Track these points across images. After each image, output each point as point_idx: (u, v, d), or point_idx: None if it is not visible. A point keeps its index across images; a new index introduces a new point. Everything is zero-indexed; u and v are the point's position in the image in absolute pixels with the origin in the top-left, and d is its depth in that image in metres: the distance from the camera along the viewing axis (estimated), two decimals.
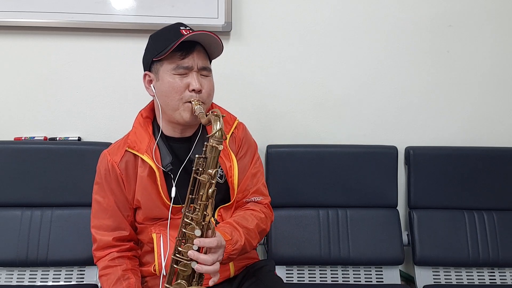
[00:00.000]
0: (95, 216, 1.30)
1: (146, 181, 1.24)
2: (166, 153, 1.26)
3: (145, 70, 1.28)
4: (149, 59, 1.25)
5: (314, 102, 1.96)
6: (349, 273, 1.85)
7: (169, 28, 1.25)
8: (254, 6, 1.89)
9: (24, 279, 1.75)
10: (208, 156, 1.12)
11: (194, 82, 1.20)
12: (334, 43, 1.93)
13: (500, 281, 1.86)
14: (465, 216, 1.87)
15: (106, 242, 1.27)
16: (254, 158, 1.39)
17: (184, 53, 1.20)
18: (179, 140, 1.30)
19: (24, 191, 1.76)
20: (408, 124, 1.98)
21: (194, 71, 1.21)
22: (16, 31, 1.83)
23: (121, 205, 1.28)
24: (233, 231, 1.20)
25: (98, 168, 1.31)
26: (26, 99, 1.87)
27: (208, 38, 1.21)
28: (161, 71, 1.22)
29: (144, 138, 1.27)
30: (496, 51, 1.97)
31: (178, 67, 1.20)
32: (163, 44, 1.20)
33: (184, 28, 1.22)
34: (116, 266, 1.24)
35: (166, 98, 1.22)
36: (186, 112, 1.21)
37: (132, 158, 1.27)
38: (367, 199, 1.87)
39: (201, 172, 1.12)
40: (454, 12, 1.94)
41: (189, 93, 1.20)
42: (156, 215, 1.27)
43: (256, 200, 1.36)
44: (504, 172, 1.89)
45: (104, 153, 1.31)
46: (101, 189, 1.29)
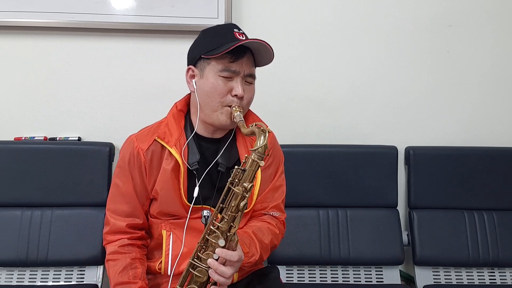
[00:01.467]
0: (112, 200, 1.29)
1: (169, 175, 1.22)
2: (195, 151, 1.25)
3: (189, 64, 1.26)
4: (196, 55, 1.22)
5: (314, 102, 1.96)
6: (349, 273, 1.85)
7: (223, 28, 1.24)
8: (254, 6, 1.89)
9: (24, 279, 1.75)
10: (247, 169, 1.10)
11: (238, 88, 1.18)
12: (334, 43, 1.93)
13: (500, 281, 1.86)
14: (465, 216, 1.87)
15: (119, 228, 1.26)
16: (279, 171, 1.37)
17: (234, 57, 1.17)
18: (208, 140, 1.28)
19: (24, 191, 1.76)
20: (408, 124, 1.98)
21: (240, 77, 1.19)
22: (16, 31, 1.83)
23: (140, 193, 1.26)
24: (251, 244, 1.20)
25: (122, 152, 1.28)
26: (26, 99, 1.87)
27: (262, 47, 1.19)
28: (207, 69, 1.20)
29: (175, 131, 1.25)
30: (496, 51, 1.97)
31: (226, 70, 1.18)
32: (215, 43, 1.18)
33: (238, 31, 1.21)
34: (126, 254, 1.23)
35: (207, 97, 1.20)
36: (224, 116, 1.20)
37: (159, 149, 1.24)
38: (367, 199, 1.87)
39: (237, 183, 1.10)
40: (454, 12, 1.94)
41: (230, 98, 1.19)
42: (170, 211, 1.25)
43: (274, 215, 1.34)
44: (504, 172, 1.89)
45: (132, 138, 1.28)
46: (122, 174, 1.27)
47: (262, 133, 1.11)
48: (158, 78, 1.90)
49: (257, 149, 1.09)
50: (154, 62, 1.89)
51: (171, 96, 1.88)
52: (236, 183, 1.11)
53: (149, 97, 1.90)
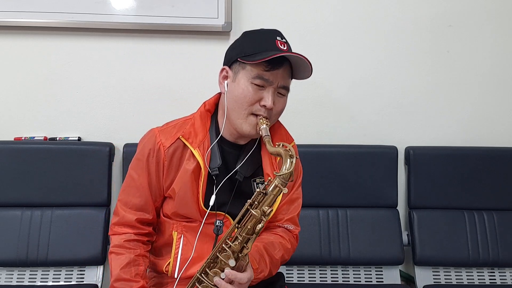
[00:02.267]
0: (125, 191, 1.25)
1: (189, 176, 1.19)
2: (217, 156, 1.21)
3: (225, 65, 1.21)
4: (233, 56, 1.18)
5: (314, 102, 1.96)
6: (349, 273, 1.85)
7: (265, 33, 1.19)
8: (254, 6, 1.89)
9: (24, 279, 1.75)
10: (269, 192, 1.07)
11: (268, 99, 1.14)
12: (334, 43, 1.93)
13: (500, 281, 1.86)
14: (465, 216, 1.87)
15: (128, 221, 1.23)
16: (297, 184, 1.34)
17: (271, 66, 1.12)
18: (231, 145, 1.24)
19: (24, 191, 1.76)
20: (408, 124, 1.98)
21: (273, 87, 1.15)
22: (16, 31, 1.83)
23: (154, 188, 1.23)
24: (261, 259, 1.17)
25: (143, 144, 1.24)
26: (26, 99, 1.87)
27: (300, 61, 1.15)
28: (241, 74, 1.15)
29: (200, 132, 1.21)
30: (496, 51, 1.97)
31: (259, 78, 1.13)
32: (254, 48, 1.14)
33: (281, 40, 1.16)
34: (130, 249, 1.20)
35: (235, 103, 1.16)
36: (248, 125, 1.16)
37: (181, 148, 1.21)
38: (367, 199, 1.87)
39: (256, 206, 1.07)
40: (454, 12, 1.94)
41: (258, 107, 1.15)
42: (185, 213, 1.22)
43: (288, 228, 1.31)
44: (504, 172, 1.89)
45: (154, 131, 1.24)
46: (139, 166, 1.23)
47: (289, 158, 1.07)
48: (158, 78, 1.90)
49: (282, 175, 1.06)
50: (154, 62, 1.89)
51: (171, 96, 1.90)
52: (255, 206, 1.07)
53: (149, 97, 1.90)
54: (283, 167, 1.06)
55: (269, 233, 1.29)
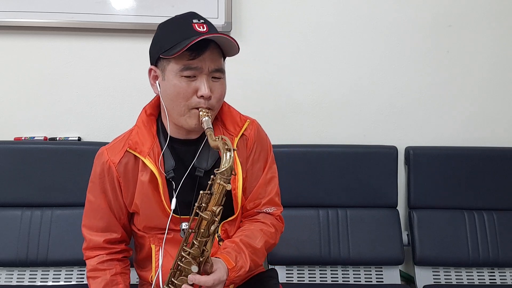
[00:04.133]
0: (86, 215, 1.23)
1: (147, 187, 1.15)
2: (169, 157, 1.16)
3: (151, 64, 1.15)
4: (155, 54, 1.11)
5: (314, 102, 1.96)
6: (349, 273, 1.85)
7: (180, 19, 1.11)
8: (254, 6, 1.89)
9: (24, 279, 1.75)
10: (213, 192, 1.02)
11: (204, 87, 1.07)
12: (334, 43, 1.93)
13: (500, 281, 1.86)
14: (465, 216, 1.87)
15: (96, 243, 1.21)
16: (268, 162, 1.27)
17: (195, 53, 1.05)
18: (184, 143, 1.19)
19: (24, 191, 1.76)
20: (408, 124, 1.98)
21: (204, 74, 1.08)
22: (16, 31, 1.83)
23: (115, 207, 1.20)
24: (238, 255, 1.12)
25: (94, 165, 1.21)
26: (26, 99, 1.87)
27: (222, 39, 1.07)
28: (168, 70, 1.09)
29: (147, 139, 1.16)
30: (496, 51, 1.96)
31: (186, 68, 1.06)
32: (172, 39, 1.06)
33: (198, 22, 1.08)
34: (105, 270, 1.18)
35: (171, 101, 1.10)
36: (192, 119, 1.10)
37: (133, 160, 1.16)
38: (367, 199, 1.87)
39: (204, 208, 1.03)
40: (454, 12, 1.94)
41: (197, 99, 1.08)
42: (156, 225, 1.18)
43: (268, 211, 1.25)
44: (504, 172, 1.89)
45: (102, 150, 1.20)
46: (94, 188, 1.20)
47: (226, 151, 1.01)
48: None
49: (222, 171, 1.00)
50: None
51: None
52: (204, 208, 1.03)
53: (149, 97, 1.88)
54: (222, 163, 1.01)
55: (249, 222, 1.25)
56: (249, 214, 1.27)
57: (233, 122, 1.23)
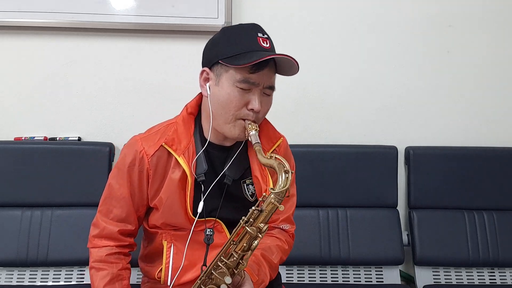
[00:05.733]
0: (106, 202, 1.20)
1: (176, 185, 1.14)
2: (203, 160, 1.16)
3: (205, 66, 1.14)
4: (213, 58, 1.10)
5: (314, 102, 1.96)
6: (349, 273, 1.85)
7: (246, 31, 1.11)
8: (254, 6, 1.89)
9: (24, 279, 1.75)
10: (264, 209, 1.03)
11: (255, 102, 1.08)
12: (335, 43, 1.93)
13: (500, 281, 1.86)
14: (465, 216, 1.87)
15: (110, 233, 1.18)
16: None
17: (256, 68, 1.06)
18: (217, 148, 1.19)
19: (24, 191, 1.76)
20: (408, 124, 1.98)
21: (259, 89, 1.09)
22: (16, 31, 1.83)
23: (136, 198, 1.18)
24: (259, 270, 1.14)
25: (124, 152, 1.18)
26: (26, 99, 1.87)
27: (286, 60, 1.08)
28: (224, 77, 1.09)
29: (184, 138, 1.16)
30: (496, 51, 1.96)
31: (245, 81, 1.07)
32: (236, 48, 1.07)
33: (262, 36, 1.09)
34: (113, 264, 1.16)
35: (221, 108, 1.10)
36: (237, 130, 1.11)
37: (166, 155, 1.15)
38: (367, 199, 1.87)
39: (251, 223, 1.03)
40: (454, 12, 1.94)
41: (246, 111, 1.09)
42: (174, 223, 1.18)
43: (284, 228, 1.27)
44: (504, 172, 1.89)
45: (137, 139, 1.18)
46: (120, 176, 1.17)
47: (284, 173, 1.02)
48: (158, 78, 1.89)
49: (277, 192, 1.02)
50: (154, 62, 1.89)
51: (171, 96, 1.90)
52: (251, 223, 1.04)
53: (149, 97, 1.90)
54: (279, 183, 1.02)
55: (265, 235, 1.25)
56: None
57: (267, 137, 1.23)
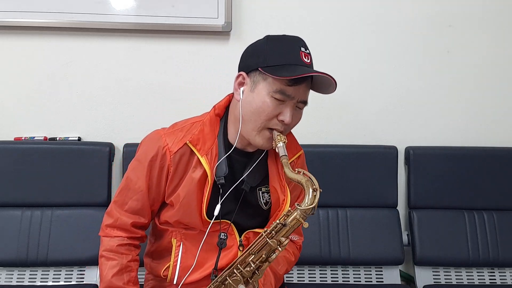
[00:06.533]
0: (122, 193, 1.20)
1: (195, 184, 1.14)
2: (224, 164, 1.16)
3: (242, 70, 1.15)
4: (253, 64, 1.11)
5: (314, 102, 1.94)
6: (349, 273, 1.85)
7: (290, 42, 1.14)
8: (254, 6, 1.88)
9: (24, 279, 1.75)
10: (288, 224, 1.04)
11: (287, 114, 1.09)
12: (334, 43, 1.93)
13: (500, 281, 1.86)
14: (465, 216, 1.87)
15: (123, 223, 1.18)
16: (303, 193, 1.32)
17: (294, 81, 1.07)
18: (239, 153, 1.19)
19: (24, 191, 1.76)
20: (408, 124, 1.98)
21: (293, 102, 1.10)
22: (16, 31, 1.83)
23: (153, 193, 1.18)
24: (265, 279, 1.16)
25: (146, 146, 1.18)
26: (26, 99, 1.87)
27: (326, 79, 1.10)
28: (261, 85, 1.09)
29: (209, 138, 1.16)
30: (496, 51, 1.96)
31: (281, 93, 1.07)
32: (278, 59, 1.09)
33: (304, 51, 1.12)
34: (123, 255, 1.17)
35: (252, 114, 1.10)
36: (262, 139, 1.12)
37: (188, 153, 1.15)
38: (367, 199, 1.87)
39: (272, 236, 1.04)
40: (454, 12, 1.94)
41: (276, 121, 1.10)
42: (187, 222, 1.18)
43: (293, 239, 1.27)
44: (504, 172, 1.89)
45: (160, 134, 1.17)
46: (139, 169, 1.17)
47: (312, 191, 1.03)
48: (158, 78, 1.89)
49: (304, 209, 1.02)
50: (154, 62, 1.89)
51: (171, 96, 1.90)
52: (272, 235, 1.04)
53: (149, 97, 1.90)
54: (305, 200, 1.02)
55: None
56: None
57: (289, 148, 1.23)
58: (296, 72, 1.05)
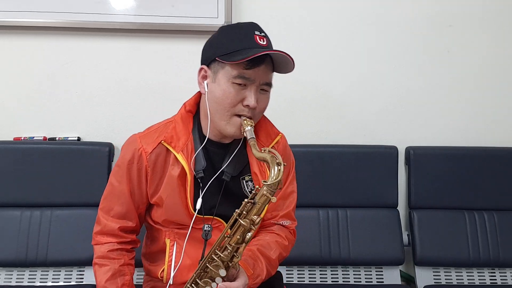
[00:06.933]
0: (107, 199, 1.22)
1: (175, 182, 1.15)
2: (201, 157, 1.18)
3: (203, 64, 1.16)
4: (211, 55, 1.13)
5: (314, 102, 1.96)
6: (349, 273, 1.84)
7: (243, 28, 1.13)
8: (254, 6, 1.88)
9: (23, 279, 1.75)
10: (257, 202, 1.04)
11: (251, 98, 1.09)
12: (335, 42, 1.93)
13: (501, 281, 1.86)
14: (465, 216, 1.86)
15: (111, 229, 1.20)
16: (290, 177, 1.29)
17: (252, 64, 1.07)
18: (216, 145, 1.20)
19: (24, 191, 1.76)
20: (408, 124, 1.98)
21: (255, 85, 1.10)
22: (16, 31, 1.83)
23: (136, 196, 1.20)
24: (255, 264, 1.15)
25: (124, 151, 1.21)
26: (25, 99, 1.87)
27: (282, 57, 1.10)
28: (221, 73, 1.11)
29: (182, 135, 1.18)
30: (496, 51, 1.96)
31: (240, 77, 1.08)
32: (233, 45, 1.09)
33: (259, 34, 1.11)
34: (114, 260, 1.18)
35: (217, 104, 1.12)
36: (232, 127, 1.13)
37: (164, 152, 1.17)
38: (367, 199, 1.86)
39: (244, 215, 1.04)
40: (454, 12, 1.94)
41: (241, 107, 1.11)
42: (176, 220, 1.19)
43: (284, 224, 1.27)
44: (504, 172, 1.89)
45: (135, 137, 1.20)
46: (120, 174, 1.20)
47: (276, 165, 1.03)
48: (158, 78, 1.89)
49: (270, 184, 1.03)
50: (154, 62, 1.89)
51: (171, 96, 1.89)
52: (244, 215, 1.05)
53: (149, 97, 1.90)
54: (271, 175, 1.03)
55: (264, 232, 1.27)
56: (265, 225, 1.28)
57: (266, 133, 1.25)
58: (249, 54, 1.06)
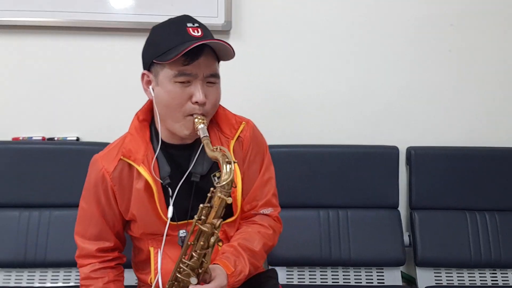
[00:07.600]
0: (79, 223, 1.22)
1: (142, 195, 1.13)
2: (165, 163, 1.15)
3: (144, 69, 1.13)
4: (148, 59, 1.10)
5: (314, 102, 1.95)
6: (350, 274, 1.84)
7: (174, 23, 1.09)
8: (254, 5, 1.87)
9: (22, 280, 1.74)
10: (213, 205, 1.02)
11: (199, 93, 1.05)
12: (335, 42, 1.92)
13: (502, 282, 1.85)
14: (466, 217, 1.86)
15: (89, 252, 1.20)
16: (265, 164, 1.26)
17: (189, 59, 1.03)
18: (178, 148, 1.17)
19: (22, 191, 1.75)
20: (409, 124, 1.97)
21: (199, 80, 1.06)
22: (16, 30, 1.82)
23: (108, 216, 1.19)
24: (237, 260, 1.12)
25: (88, 173, 1.20)
26: (24, 99, 1.86)
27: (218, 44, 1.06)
28: (161, 75, 1.07)
29: (140, 146, 1.14)
30: (498, 51, 1.95)
31: (181, 74, 1.05)
32: (166, 44, 1.05)
33: (192, 25, 1.06)
34: (97, 279, 1.18)
35: (166, 108, 1.09)
36: (186, 128, 1.09)
37: (127, 167, 1.15)
38: (368, 199, 1.86)
39: (204, 220, 1.02)
40: (456, 12, 1.93)
41: (191, 105, 1.07)
42: (153, 231, 1.18)
43: (265, 213, 1.25)
44: (506, 172, 1.88)
45: (96, 158, 1.19)
46: (87, 196, 1.19)
47: (226, 164, 1.00)
48: None
49: (222, 185, 1.00)
50: None
51: None
52: (203, 220, 1.02)
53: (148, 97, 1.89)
54: (222, 176, 1.00)
55: (246, 224, 1.25)
56: (246, 216, 1.26)
57: (228, 125, 1.22)
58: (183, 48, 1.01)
